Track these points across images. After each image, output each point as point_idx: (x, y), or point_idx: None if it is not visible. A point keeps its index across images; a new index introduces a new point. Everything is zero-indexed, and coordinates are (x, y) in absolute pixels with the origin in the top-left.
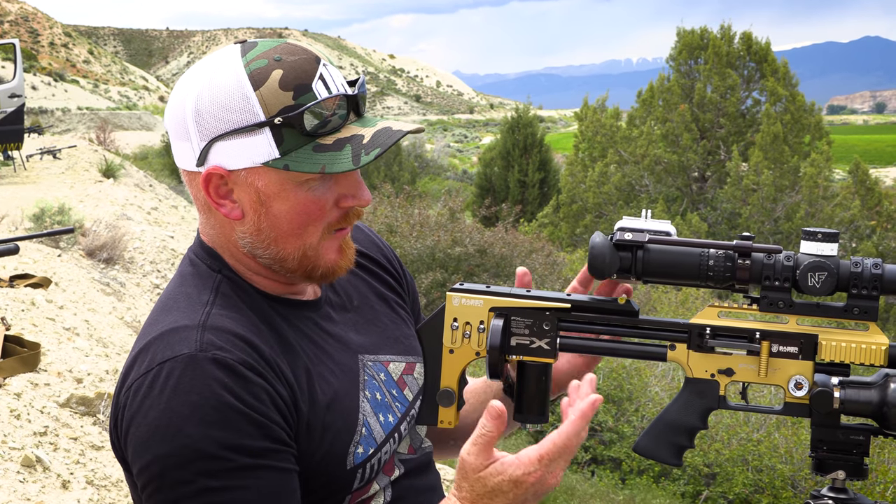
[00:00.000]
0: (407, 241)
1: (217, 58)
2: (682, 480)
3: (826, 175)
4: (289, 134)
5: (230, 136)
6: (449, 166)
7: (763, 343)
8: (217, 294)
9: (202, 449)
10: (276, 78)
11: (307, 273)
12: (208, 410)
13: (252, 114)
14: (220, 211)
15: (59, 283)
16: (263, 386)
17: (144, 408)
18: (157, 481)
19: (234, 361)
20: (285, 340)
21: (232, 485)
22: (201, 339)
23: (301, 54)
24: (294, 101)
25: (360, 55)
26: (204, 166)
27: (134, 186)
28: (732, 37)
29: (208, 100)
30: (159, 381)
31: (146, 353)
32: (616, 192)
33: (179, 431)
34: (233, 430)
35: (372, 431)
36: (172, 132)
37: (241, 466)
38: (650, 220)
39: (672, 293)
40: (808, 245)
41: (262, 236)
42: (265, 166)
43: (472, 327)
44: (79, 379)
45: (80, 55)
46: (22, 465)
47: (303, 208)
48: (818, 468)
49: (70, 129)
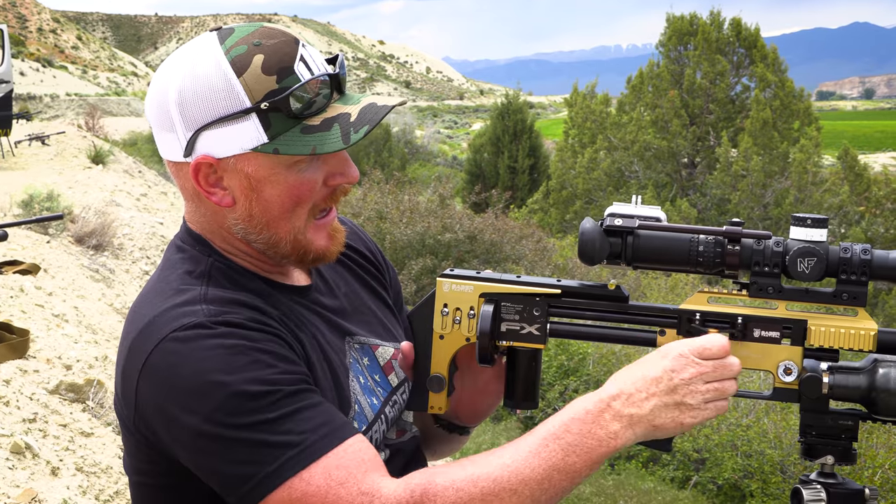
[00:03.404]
0: (397, 227)
1: (195, 47)
2: (671, 466)
3: (815, 161)
4: (276, 118)
5: (217, 125)
6: (439, 153)
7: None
8: (210, 276)
9: (246, 390)
10: (258, 63)
11: (300, 257)
12: (238, 356)
13: (237, 101)
14: (210, 199)
15: (49, 269)
16: (279, 335)
17: (171, 379)
18: (218, 439)
19: (243, 320)
20: (283, 315)
21: (288, 410)
22: (207, 309)
23: (280, 37)
24: (278, 85)
25: (349, 41)
26: (192, 156)
27: (123, 173)
28: (722, 23)
29: (191, 90)
30: (177, 349)
31: (148, 332)
32: (606, 178)
33: (217, 384)
34: (266, 367)
35: (363, 409)
36: (156, 124)
37: (287, 394)
38: (640, 205)
39: (662, 279)
40: (797, 231)
41: (255, 221)
42: (254, 152)
43: (463, 313)
44: (68, 366)
45: (68, 41)
46: (11, 452)
47: (294, 190)
48: (807, 453)
49: (59, 115)
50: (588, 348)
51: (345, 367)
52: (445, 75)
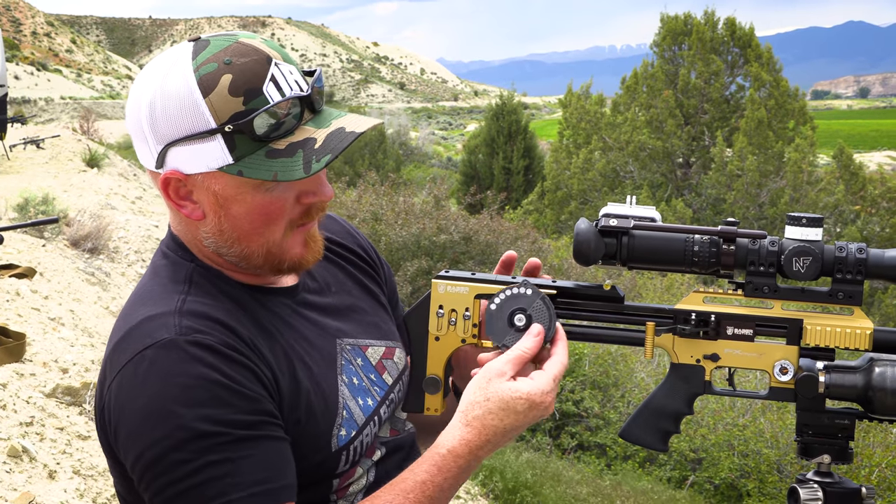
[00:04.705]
0: (392, 228)
1: (169, 59)
2: (668, 466)
3: (810, 160)
4: (241, 140)
5: (184, 142)
6: (433, 154)
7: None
8: (191, 283)
9: (197, 427)
10: (225, 83)
11: (274, 268)
12: (197, 390)
13: (203, 121)
14: (181, 212)
15: (44, 273)
16: (246, 364)
17: (132, 397)
18: (155, 466)
19: (214, 343)
20: (261, 325)
21: (232, 456)
22: (179, 324)
23: (252, 55)
24: (245, 107)
25: (343, 43)
26: (162, 169)
27: (118, 176)
28: (716, 22)
29: (161, 106)
30: (142, 369)
31: (124, 343)
32: (601, 179)
33: (172, 414)
34: (224, 406)
35: (353, 414)
36: (132, 133)
37: (238, 439)
38: (635, 206)
39: (657, 279)
40: (792, 230)
41: (225, 236)
42: (220, 171)
43: (458, 314)
44: (64, 369)
45: (62, 44)
46: (8, 456)
47: (262, 209)
48: (804, 452)
49: (53, 118)
50: (584, 349)
51: (333, 372)
52: (440, 76)
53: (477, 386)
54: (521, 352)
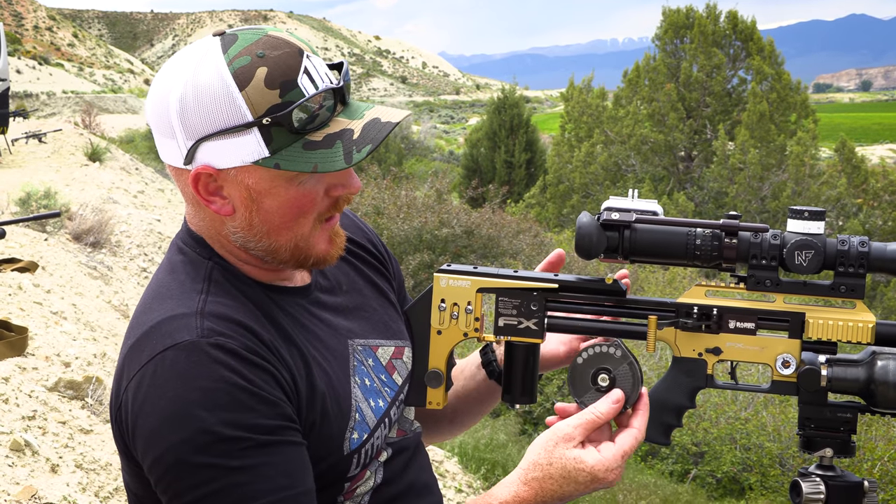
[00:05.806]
0: (394, 222)
1: (197, 53)
2: (670, 459)
3: (812, 153)
4: (278, 132)
5: (218, 136)
6: (435, 148)
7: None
8: (210, 282)
9: (218, 432)
10: (261, 76)
11: (299, 262)
12: (219, 394)
13: (239, 114)
14: (210, 207)
15: (46, 267)
16: (267, 368)
17: (152, 398)
18: (176, 470)
19: (236, 347)
20: (280, 327)
21: (252, 463)
22: (201, 326)
23: (284, 48)
24: (281, 100)
25: (345, 37)
26: (192, 165)
27: (120, 170)
28: (718, 16)
29: (193, 100)
30: (163, 370)
31: (144, 343)
32: (602, 172)
33: (193, 417)
34: (245, 411)
35: (365, 417)
36: (156, 129)
37: (258, 444)
38: (637, 199)
39: (659, 272)
40: (794, 223)
41: (255, 231)
42: (255, 165)
43: (460, 308)
44: (66, 363)
45: (64, 38)
46: (11, 450)
47: (294, 202)
48: (806, 446)
49: (55, 112)
50: None
51: (346, 374)
52: (441, 70)
53: (542, 447)
54: (594, 416)
